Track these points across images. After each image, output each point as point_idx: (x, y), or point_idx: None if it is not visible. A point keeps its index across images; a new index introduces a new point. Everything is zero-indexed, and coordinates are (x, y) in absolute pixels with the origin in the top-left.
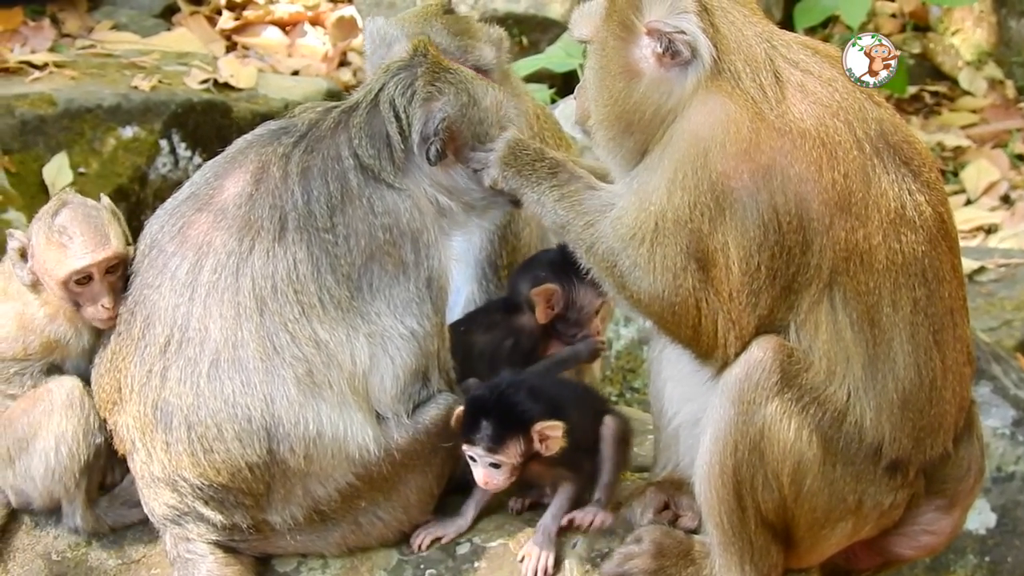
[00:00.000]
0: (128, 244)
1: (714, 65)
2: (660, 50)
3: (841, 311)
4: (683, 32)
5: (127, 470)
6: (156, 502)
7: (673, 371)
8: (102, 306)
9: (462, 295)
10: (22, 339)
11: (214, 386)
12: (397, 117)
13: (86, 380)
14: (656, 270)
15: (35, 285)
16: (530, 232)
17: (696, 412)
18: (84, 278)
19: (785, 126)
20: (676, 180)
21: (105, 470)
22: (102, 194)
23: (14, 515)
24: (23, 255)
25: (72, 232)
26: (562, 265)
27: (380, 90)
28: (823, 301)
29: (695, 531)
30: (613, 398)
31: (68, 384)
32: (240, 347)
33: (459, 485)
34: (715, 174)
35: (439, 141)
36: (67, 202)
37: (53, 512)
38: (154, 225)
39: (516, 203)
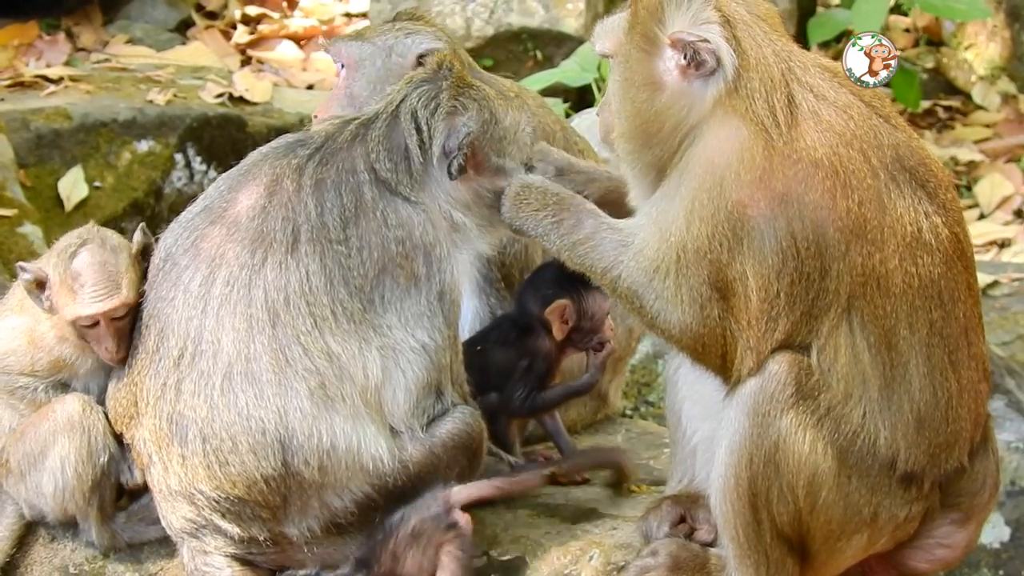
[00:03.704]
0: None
1: (735, 79)
2: (684, 62)
3: (859, 334)
4: (707, 41)
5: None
6: (174, 515)
7: (689, 391)
8: (105, 348)
9: (468, 309)
10: (31, 355)
11: (227, 399)
12: (418, 129)
13: (98, 397)
14: (684, 303)
15: (52, 311)
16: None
17: (714, 430)
18: (91, 324)
19: (795, 154)
20: (694, 210)
21: (119, 482)
22: (141, 227)
23: (31, 528)
24: (39, 285)
25: (84, 279)
26: (566, 278)
27: (401, 102)
28: (842, 325)
29: (711, 544)
30: (628, 412)
31: (70, 405)
32: (253, 360)
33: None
34: (731, 203)
35: (462, 156)
36: (86, 242)
37: (70, 525)
38: (168, 238)
39: None
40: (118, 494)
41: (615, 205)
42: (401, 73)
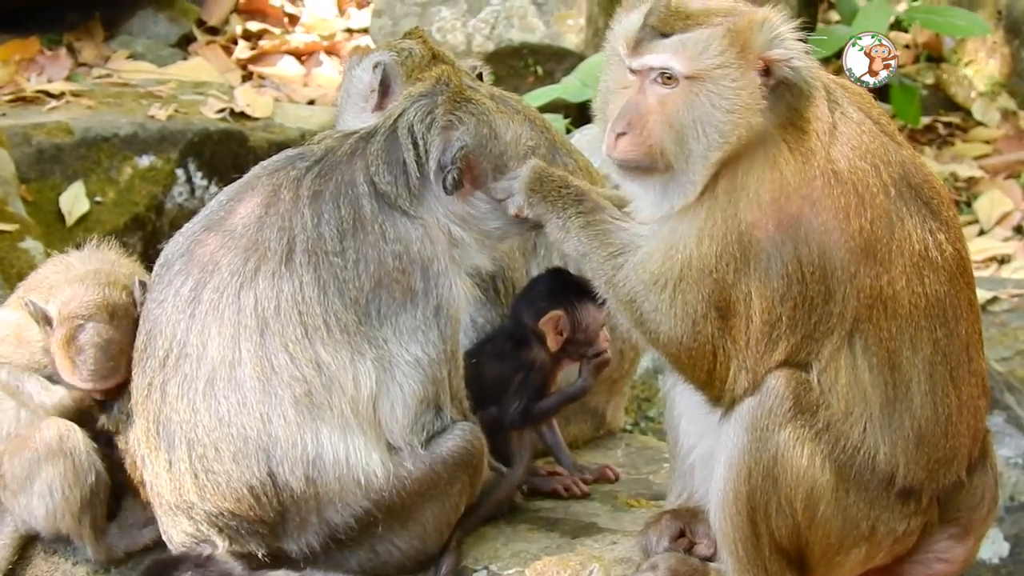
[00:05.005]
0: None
1: (805, 103)
2: (769, 83)
3: (861, 357)
4: (794, 67)
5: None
6: (174, 530)
7: (686, 407)
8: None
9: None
10: (14, 348)
11: (209, 404)
12: (415, 144)
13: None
14: (677, 316)
15: (48, 349)
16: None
17: (712, 446)
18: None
19: (821, 171)
20: (705, 228)
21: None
22: (141, 283)
23: (32, 541)
24: (46, 320)
25: (86, 358)
26: (560, 290)
27: (399, 116)
28: (844, 348)
29: (710, 559)
30: (628, 427)
31: (47, 432)
32: (237, 366)
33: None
34: (744, 224)
35: (456, 170)
36: (93, 317)
37: (66, 540)
38: (169, 246)
39: (535, 226)
40: (109, 509)
41: None
42: (361, 87)
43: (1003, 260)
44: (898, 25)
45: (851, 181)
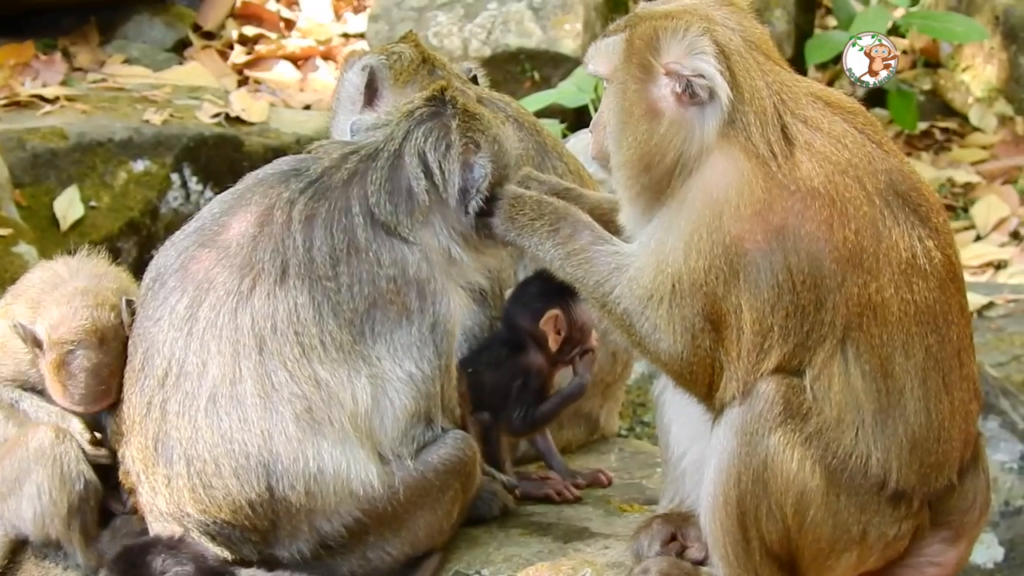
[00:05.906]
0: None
1: (731, 112)
2: (679, 90)
3: (854, 364)
4: (701, 75)
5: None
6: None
7: (677, 412)
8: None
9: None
10: None
11: (211, 421)
12: (427, 172)
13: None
14: (675, 331)
15: (40, 370)
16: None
17: (703, 450)
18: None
19: (793, 184)
20: (692, 243)
21: (105, 504)
22: (128, 302)
23: (23, 546)
24: (34, 343)
25: (77, 382)
26: (552, 290)
27: (404, 139)
28: (836, 355)
29: (702, 563)
30: (623, 432)
31: (41, 434)
32: (238, 383)
33: (473, 518)
34: (729, 237)
35: (483, 196)
36: (81, 343)
37: (55, 547)
38: (160, 258)
39: None
40: (104, 515)
41: (602, 224)
42: (352, 90)
43: (999, 265)
44: (895, 30)
45: (829, 195)
